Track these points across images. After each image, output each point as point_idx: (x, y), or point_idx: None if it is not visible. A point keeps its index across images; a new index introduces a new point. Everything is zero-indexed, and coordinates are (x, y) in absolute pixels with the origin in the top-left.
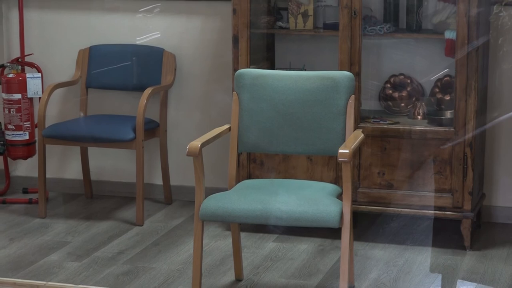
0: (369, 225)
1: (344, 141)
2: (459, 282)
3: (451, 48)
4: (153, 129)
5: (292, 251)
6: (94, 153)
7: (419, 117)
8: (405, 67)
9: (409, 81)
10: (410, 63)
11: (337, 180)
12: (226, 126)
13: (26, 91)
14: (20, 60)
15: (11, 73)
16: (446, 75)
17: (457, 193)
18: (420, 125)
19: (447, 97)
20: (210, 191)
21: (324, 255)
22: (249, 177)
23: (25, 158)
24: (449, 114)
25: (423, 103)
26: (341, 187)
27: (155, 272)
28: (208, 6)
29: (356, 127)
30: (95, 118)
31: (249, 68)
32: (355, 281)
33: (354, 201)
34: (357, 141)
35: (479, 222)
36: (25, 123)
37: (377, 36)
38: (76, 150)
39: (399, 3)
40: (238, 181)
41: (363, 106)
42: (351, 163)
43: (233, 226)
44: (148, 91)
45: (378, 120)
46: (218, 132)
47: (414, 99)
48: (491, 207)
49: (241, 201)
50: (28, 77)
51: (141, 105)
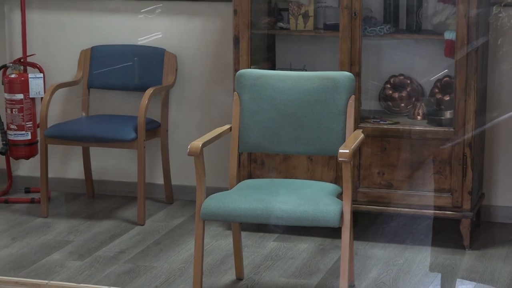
0: (369, 224)
1: (344, 141)
2: (458, 281)
3: (450, 49)
4: (155, 129)
5: (292, 250)
6: (96, 153)
7: (419, 117)
8: (405, 68)
9: (409, 81)
10: (410, 63)
11: (337, 180)
12: (227, 126)
13: (28, 91)
14: (22, 60)
15: (13, 74)
16: (445, 76)
17: (456, 192)
18: (420, 125)
19: (447, 98)
20: (211, 191)
21: (325, 254)
22: (250, 176)
23: (27, 158)
24: (448, 114)
25: (423, 104)
26: (341, 187)
27: (157, 271)
28: (209, 7)
29: (356, 127)
30: (96, 118)
31: (250, 68)
32: (355, 280)
33: (354, 201)
34: (357, 141)
35: (479, 221)
36: (27, 123)
37: (377, 36)
38: (78, 150)
39: (399, 4)
40: (239, 180)
41: (363, 106)
42: (351, 163)
43: (234, 225)
44: (150, 91)
45: (378, 120)
46: (219, 132)
47: (414, 99)
48: (490, 207)
49: (242, 200)
50: (30, 77)
51: (142, 105)
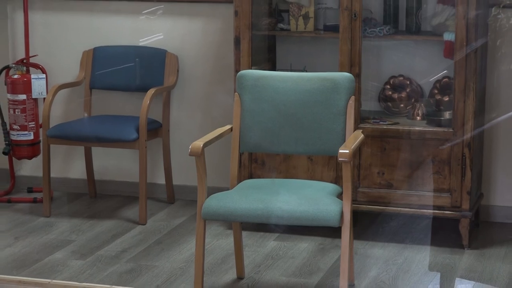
0: (368, 224)
1: (344, 141)
2: (457, 280)
3: (450, 50)
4: (156, 129)
5: (293, 249)
6: (98, 153)
7: (418, 117)
8: (405, 69)
9: (408, 82)
10: (409, 64)
11: (337, 180)
12: (228, 127)
13: (31, 92)
14: (25, 61)
15: (16, 74)
16: (445, 77)
17: (455, 192)
18: (419, 126)
19: (446, 98)
20: (212, 191)
21: (325, 253)
22: (251, 176)
23: (29, 157)
24: (447, 115)
25: (422, 104)
26: (341, 187)
27: (158, 270)
28: (210, 8)
29: (356, 128)
30: (99, 119)
31: (251, 69)
32: (355, 279)
33: (354, 201)
34: (357, 142)
35: (477, 221)
36: (29, 123)
37: (377, 38)
38: (80, 150)
39: (398, 5)
40: (239, 180)
41: (363, 107)
42: (351, 163)
43: (234, 225)
44: (151, 91)
45: (378, 121)
46: (220, 132)
47: (413, 100)
48: (489, 207)
49: (242, 200)
50: (33, 78)
51: (144, 105)
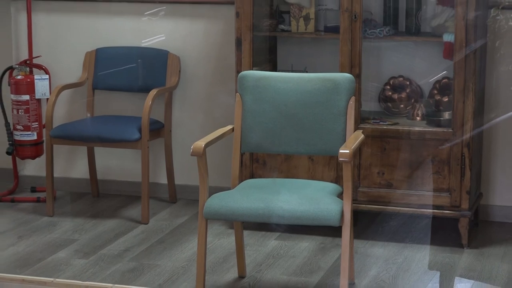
0: (369, 223)
1: (345, 141)
2: (456, 279)
3: (449, 51)
4: (158, 129)
5: (293, 248)
6: (101, 153)
7: (418, 118)
8: (404, 69)
9: (408, 83)
10: (409, 65)
11: (337, 180)
12: (230, 127)
13: (34, 92)
14: (28, 62)
15: (19, 75)
16: (444, 77)
17: (455, 192)
18: (419, 126)
19: (445, 99)
20: (213, 190)
21: (325, 252)
22: (252, 176)
23: (33, 157)
24: (447, 115)
25: (422, 105)
26: (342, 187)
27: (160, 269)
28: (212, 9)
29: (356, 128)
30: (101, 119)
31: (252, 70)
32: (355, 278)
33: (354, 200)
34: (357, 142)
35: (477, 220)
36: (33, 124)
37: (377, 39)
38: (83, 150)
39: (398, 6)
40: (241, 180)
41: (363, 107)
42: (352, 163)
43: (236, 224)
44: (153, 92)
45: (378, 121)
46: (222, 132)
47: (413, 100)
48: (488, 206)
49: (244, 200)
50: (36, 79)
51: (146, 106)
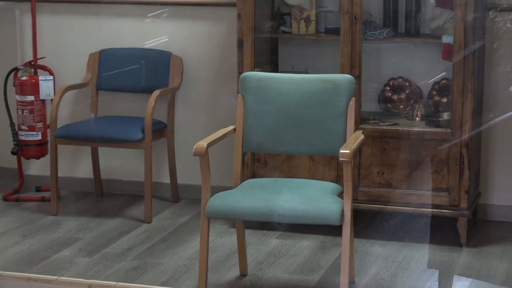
0: (369, 222)
1: (345, 141)
2: (455, 278)
3: (448, 52)
4: (161, 129)
5: (294, 247)
6: (104, 153)
7: (417, 118)
8: (404, 71)
9: (407, 84)
10: (408, 66)
11: (338, 179)
12: (231, 127)
13: (39, 93)
14: (33, 63)
15: (24, 76)
16: (443, 78)
17: (453, 192)
18: (418, 127)
19: (444, 100)
20: (216, 190)
21: (326, 251)
22: (253, 176)
23: (37, 157)
24: (446, 116)
25: (421, 105)
26: (342, 186)
27: (163, 268)
28: (214, 11)
29: (356, 128)
30: (105, 119)
31: (254, 71)
32: (355, 276)
33: (355, 200)
34: (357, 142)
35: (475, 220)
36: (37, 124)
37: (377, 40)
38: (87, 150)
39: (398, 8)
40: (242, 180)
41: (363, 108)
42: (352, 163)
43: (238, 223)
44: (156, 93)
45: (378, 122)
46: (224, 132)
47: (412, 101)
48: (486, 206)
49: (245, 199)
50: (41, 80)
51: (149, 106)
